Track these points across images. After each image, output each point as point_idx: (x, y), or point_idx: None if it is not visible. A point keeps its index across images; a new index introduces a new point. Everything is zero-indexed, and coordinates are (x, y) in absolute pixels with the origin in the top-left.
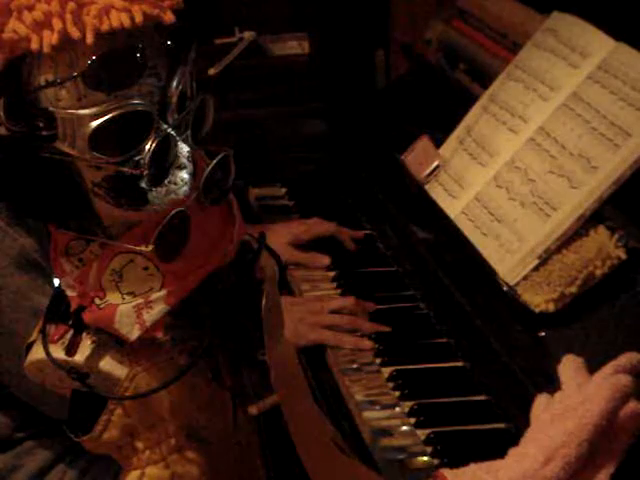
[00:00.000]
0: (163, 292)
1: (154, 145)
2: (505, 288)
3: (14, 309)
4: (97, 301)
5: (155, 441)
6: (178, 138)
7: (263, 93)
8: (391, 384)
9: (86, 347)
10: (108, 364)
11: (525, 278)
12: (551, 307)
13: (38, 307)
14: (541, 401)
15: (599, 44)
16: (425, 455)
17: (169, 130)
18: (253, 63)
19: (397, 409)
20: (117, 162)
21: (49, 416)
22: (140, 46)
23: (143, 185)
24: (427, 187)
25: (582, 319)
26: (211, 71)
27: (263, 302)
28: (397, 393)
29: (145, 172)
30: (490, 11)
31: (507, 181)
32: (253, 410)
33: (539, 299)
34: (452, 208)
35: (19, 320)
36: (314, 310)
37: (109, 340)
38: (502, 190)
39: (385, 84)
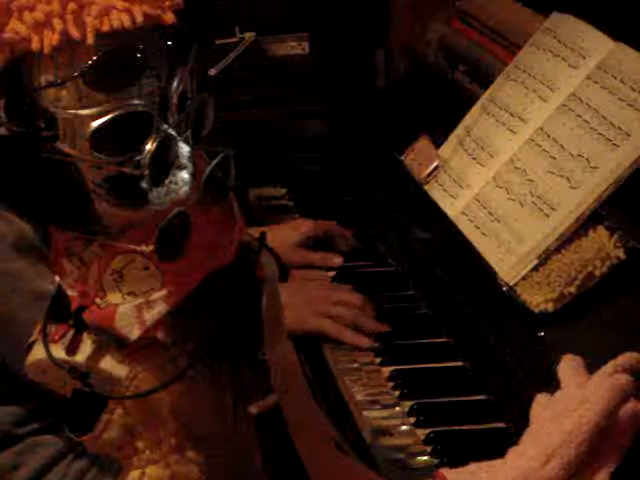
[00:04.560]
0: (163, 292)
1: (154, 145)
2: (504, 288)
3: (16, 294)
4: (98, 301)
5: (155, 441)
6: (178, 138)
7: (263, 93)
8: (391, 384)
9: (87, 347)
10: (108, 364)
11: (524, 278)
12: (550, 307)
13: (39, 291)
14: (541, 401)
15: (598, 44)
16: (425, 455)
17: (169, 130)
18: (253, 63)
19: (397, 409)
20: (118, 162)
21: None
22: (140, 46)
23: (144, 185)
24: (427, 187)
25: (581, 319)
26: (211, 71)
27: (263, 302)
28: (397, 393)
29: (145, 172)
30: (490, 12)
31: (507, 181)
32: (253, 410)
33: (538, 299)
34: (452, 208)
35: (21, 305)
36: (321, 297)
37: (110, 340)
38: (502, 190)
39: (385, 84)
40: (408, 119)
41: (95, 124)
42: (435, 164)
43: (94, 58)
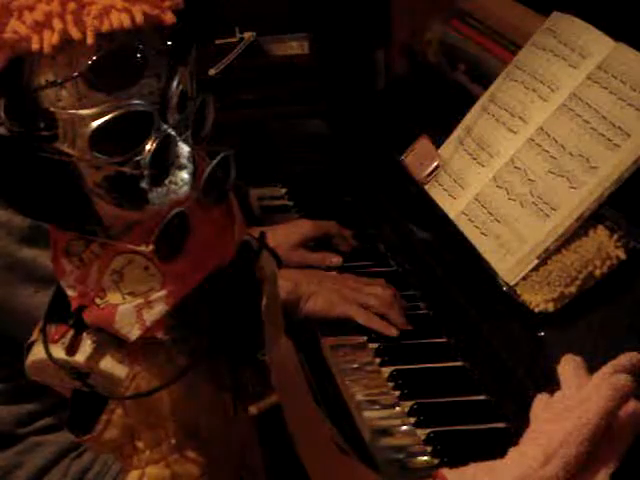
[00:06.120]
0: (163, 292)
1: (154, 145)
2: (505, 288)
3: (29, 283)
4: (97, 301)
5: (155, 441)
6: (178, 138)
7: (263, 93)
8: (391, 384)
9: (86, 347)
10: (108, 364)
11: (525, 278)
12: (550, 307)
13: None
14: (541, 401)
15: (599, 44)
16: (425, 455)
17: (169, 130)
18: (253, 63)
19: (397, 409)
20: (117, 162)
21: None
22: (140, 46)
23: (143, 185)
24: (427, 187)
25: (582, 319)
26: (212, 71)
27: (263, 302)
28: (397, 393)
29: (145, 172)
30: (490, 11)
31: (507, 181)
32: (253, 410)
33: (538, 299)
34: (452, 208)
35: (36, 292)
36: (353, 287)
37: (109, 340)
38: (502, 190)
39: (385, 84)
40: (408, 119)
41: (95, 124)
42: (435, 164)
43: (94, 58)
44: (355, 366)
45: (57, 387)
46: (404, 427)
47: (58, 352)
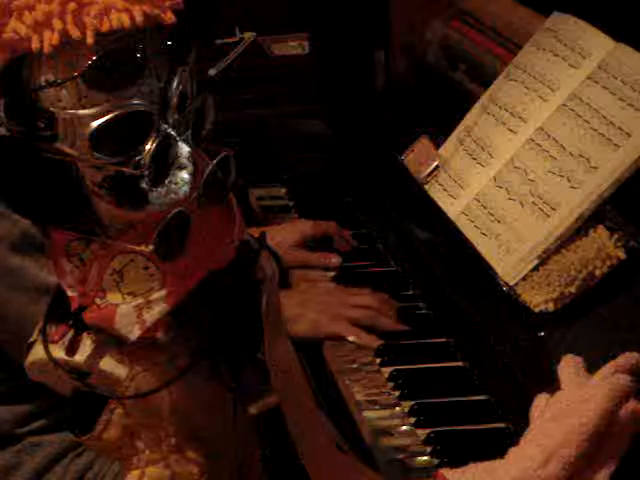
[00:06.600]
0: (163, 292)
1: (154, 145)
2: (505, 288)
3: (18, 292)
4: (97, 301)
5: (155, 441)
6: (178, 138)
7: (263, 93)
8: (391, 384)
9: (86, 347)
10: (108, 364)
11: (525, 278)
12: (551, 307)
13: (44, 285)
14: (540, 401)
15: (599, 44)
16: (425, 455)
17: (169, 130)
18: (253, 63)
19: (397, 409)
20: (117, 162)
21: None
22: (140, 46)
23: (143, 185)
24: (427, 187)
25: (582, 319)
26: (211, 71)
27: (263, 302)
28: (397, 393)
29: (145, 172)
30: (490, 11)
31: (507, 181)
32: (253, 410)
33: (539, 299)
34: (452, 208)
35: (27, 302)
36: (336, 302)
37: (109, 340)
38: (502, 190)
39: (385, 84)
40: (408, 119)
41: (95, 124)
42: (435, 164)
43: (94, 58)
44: (355, 366)
45: (57, 387)
46: (404, 427)
47: (58, 352)
